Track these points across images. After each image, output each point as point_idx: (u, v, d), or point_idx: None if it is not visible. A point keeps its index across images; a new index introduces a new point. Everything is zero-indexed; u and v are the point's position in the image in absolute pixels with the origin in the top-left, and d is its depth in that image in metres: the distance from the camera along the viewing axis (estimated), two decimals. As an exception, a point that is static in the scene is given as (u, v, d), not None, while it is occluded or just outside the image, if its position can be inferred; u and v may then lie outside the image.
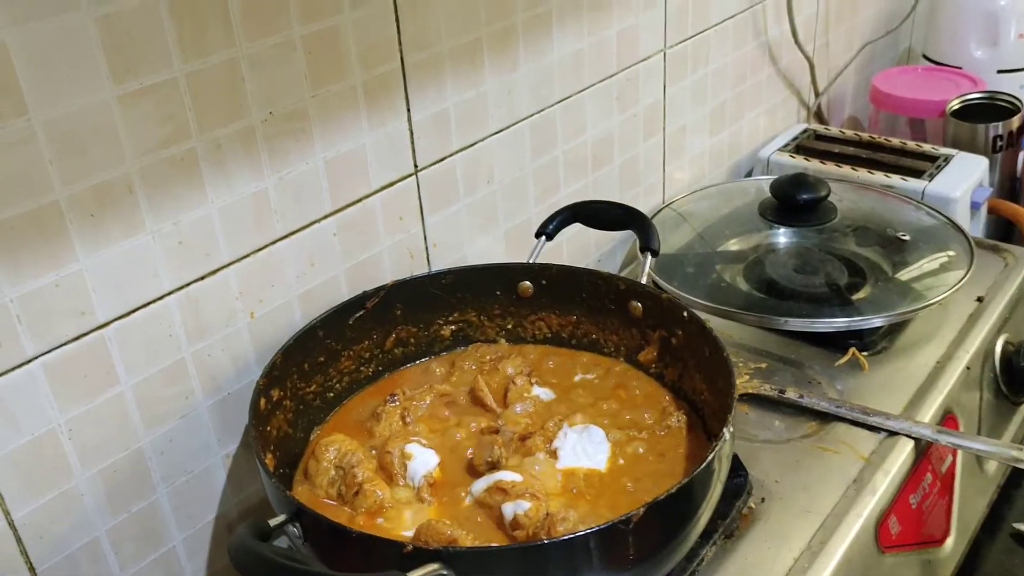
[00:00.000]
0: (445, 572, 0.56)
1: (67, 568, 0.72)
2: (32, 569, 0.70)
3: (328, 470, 0.75)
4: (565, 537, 0.58)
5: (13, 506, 0.67)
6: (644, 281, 0.85)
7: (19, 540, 0.69)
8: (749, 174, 1.43)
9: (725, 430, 0.65)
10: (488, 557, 0.58)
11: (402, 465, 0.76)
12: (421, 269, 0.94)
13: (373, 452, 0.78)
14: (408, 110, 0.88)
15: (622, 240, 1.22)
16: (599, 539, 0.58)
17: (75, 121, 0.63)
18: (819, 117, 1.59)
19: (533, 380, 0.85)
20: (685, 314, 0.80)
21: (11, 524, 0.68)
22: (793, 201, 1.13)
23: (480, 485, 0.73)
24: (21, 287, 0.64)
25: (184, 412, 0.77)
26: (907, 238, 1.11)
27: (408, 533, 0.70)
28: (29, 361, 0.66)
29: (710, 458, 0.63)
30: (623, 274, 1.11)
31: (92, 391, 0.70)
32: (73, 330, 0.68)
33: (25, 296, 0.64)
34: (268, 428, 0.75)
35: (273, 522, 0.60)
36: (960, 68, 1.61)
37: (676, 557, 0.66)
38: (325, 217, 0.83)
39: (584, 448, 0.76)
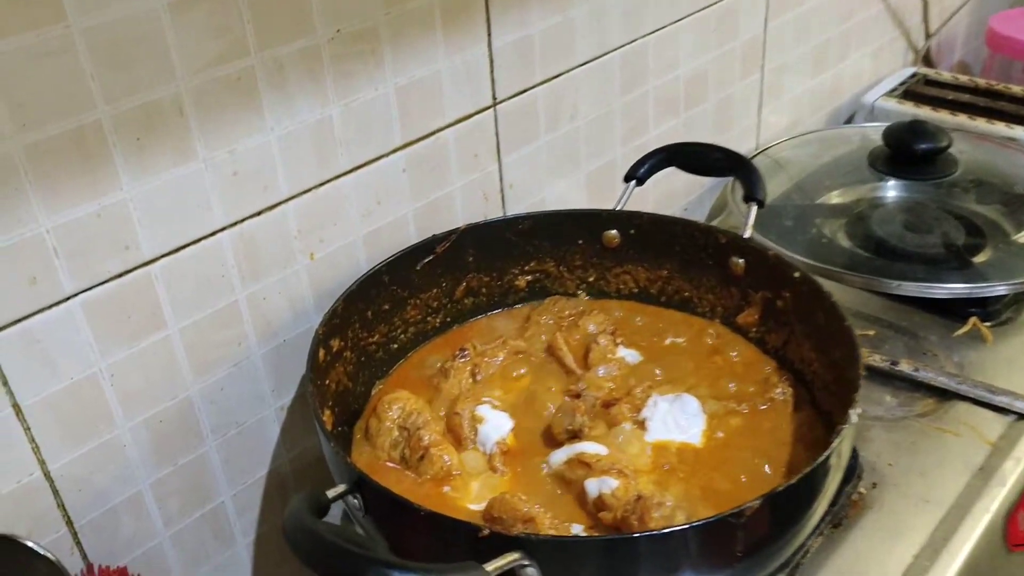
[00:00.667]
0: (527, 563, 0.49)
1: (108, 523, 0.67)
2: (70, 523, 0.65)
3: (391, 431, 0.69)
4: (667, 530, 0.50)
5: (49, 456, 0.62)
6: (748, 235, 0.75)
7: (56, 492, 0.63)
8: (849, 120, 1.31)
9: (852, 412, 0.56)
10: (577, 548, 0.51)
11: (472, 429, 0.69)
12: (495, 212, 0.86)
13: (441, 414, 0.70)
14: (489, 35, 0.79)
15: (710, 188, 1.12)
16: (706, 533, 0.50)
17: (119, 30, 0.56)
18: (927, 61, 1.46)
19: (618, 340, 0.76)
20: (796, 274, 0.70)
21: (47, 475, 0.62)
22: (909, 151, 1.02)
23: (559, 456, 0.66)
24: (59, 216, 0.57)
25: (236, 360, 0.71)
26: (1037, 195, 0.99)
27: (477, 507, 0.63)
28: (68, 299, 0.59)
29: (835, 444, 0.54)
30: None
31: (136, 333, 0.64)
32: (117, 266, 0.61)
33: (64, 226, 0.57)
34: (327, 382, 0.69)
35: (331, 494, 0.53)
36: (1089, 10, 1.46)
37: (785, 554, 0.57)
38: (394, 151, 0.75)
39: (676, 420, 0.68)
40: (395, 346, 0.78)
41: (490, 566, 0.46)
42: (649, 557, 0.50)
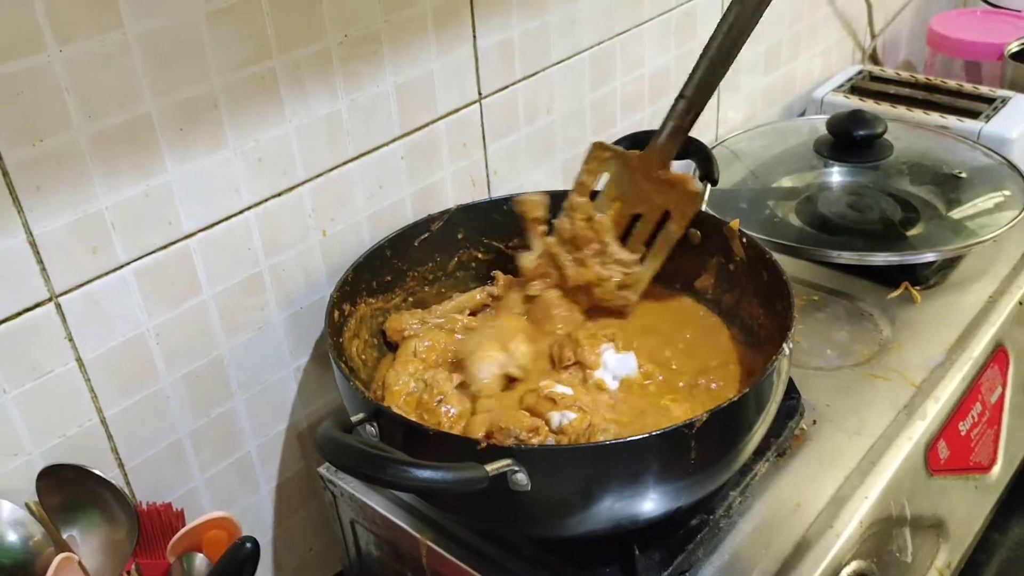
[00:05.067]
0: (517, 468, 0.59)
1: (153, 466, 0.76)
2: (121, 464, 0.75)
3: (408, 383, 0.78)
4: (631, 438, 0.60)
5: (106, 404, 0.72)
6: (703, 209, 0.86)
7: (110, 436, 0.73)
8: (802, 114, 1.43)
9: (785, 345, 0.67)
10: (557, 456, 0.61)
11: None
12: (482, 195, 0.97)
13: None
14: (474, 37, 0.90)
15: (675, 176, 1.23)
16: (663, 441, 0.61)
17: (167, 36, 0.66)
18: (874, 59, 1.58)
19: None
20: (744, 239, 0.81)
21: (103, 421, 0.72)
22: (849, 137, 1.13)
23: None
24: (115, 195, 0.67)
25: (260, 324, 0.80)
26: (963, 175, 1.11)
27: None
28: (122, 266, 0.69)
29: (770, 370, 0.65)
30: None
31: (178, 298, 0.74)
32: (161, 239, 0.71)
33: (119, 204, 0.68)
34: (340, 339, 0.78)
35: (354, 419, 0.64)
36: (1020, 11, 1.59)
37: (735, 466, 0.68)
38: (393, 140, 0.86)
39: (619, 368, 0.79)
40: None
41: (489, 467, 0.57)
42: (618, 463, 0.61)
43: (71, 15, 0.61)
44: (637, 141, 0.94)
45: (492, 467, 0.57)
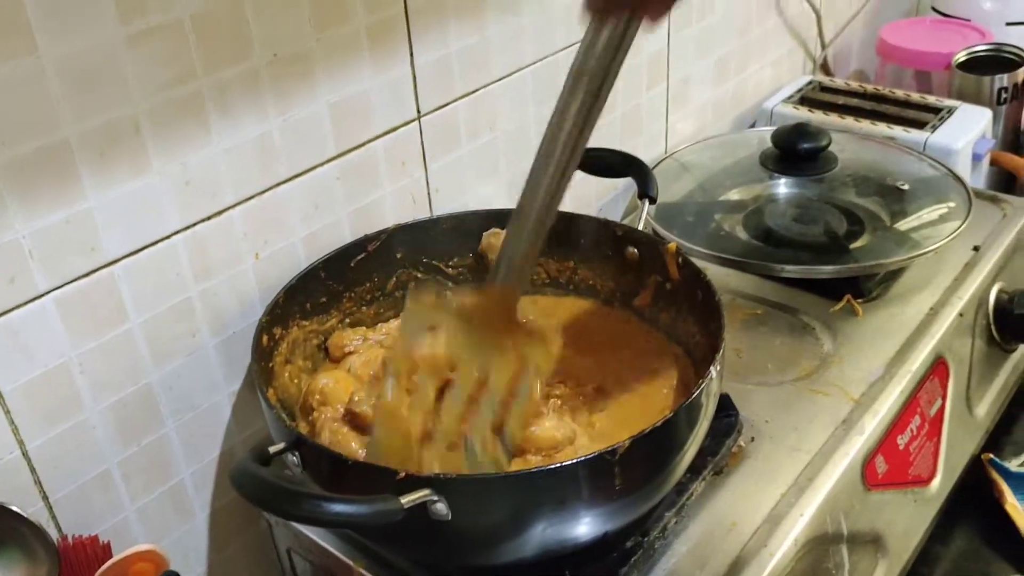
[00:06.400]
0: (436, 498, 0.58)
1: (80, 497, 0.75)
2: (46, 497, 0.73)
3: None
4: (553, 466, 0.60)
5: (27, 436, 0.70)
6: (641, 227, 0.86)
7: (33, 469, 0.71)
8: (753, 126, 1.43)
9: (712, 368, 0.67)
10: (475, 485, 0.61)
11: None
12: (424, 214, 0.96)
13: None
14: (411, 55, 0.89)
15: (623, 190, 1.23)
16: (586, 469, 0.60)
17: (84, 60, 0.65)
18: (825, 69, 1.59)
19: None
20: (680, 260, 0.81)
21: (25, 454, 0.70)
22: (794, 150, 1.14)
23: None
24: (33, 223, 0.66)
25: (191, 350, 0.79)
26: (907, 187, 1.12)
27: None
28: (42, 295, 0.68)
29: (695, 393, 0.64)
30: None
31: (102, 327, 0.72)
32: (84, 266, 0.70)
33: (37, 232, 0.66)
34: (271, 364, 0.77)
35: (272, 449, 0.63)
36: (969, 20, 1.60)
37: (662, 490, 0.68)
38: (328, 161, 0.85)
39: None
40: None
41: (404, 499, 0.56)
42: (540, 491, 0.60)
43: (-21, 41, 0.59)
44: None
45: (407, 499, 0.56)
